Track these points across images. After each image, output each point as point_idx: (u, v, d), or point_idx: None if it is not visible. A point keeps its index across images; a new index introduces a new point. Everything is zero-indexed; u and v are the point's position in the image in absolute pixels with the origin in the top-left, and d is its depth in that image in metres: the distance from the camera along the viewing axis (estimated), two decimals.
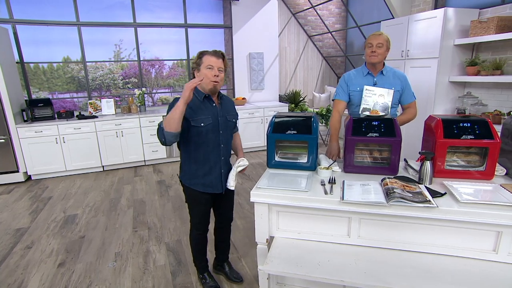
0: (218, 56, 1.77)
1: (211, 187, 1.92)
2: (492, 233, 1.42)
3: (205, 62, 1.75)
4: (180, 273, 2.38)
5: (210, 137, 1.84)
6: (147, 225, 3.14)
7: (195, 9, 5.78)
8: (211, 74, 1.75)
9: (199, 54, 1.79)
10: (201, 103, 1.82)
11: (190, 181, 1.91)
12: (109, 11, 5.33)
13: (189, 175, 1.91)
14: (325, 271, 1.43)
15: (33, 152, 4.36)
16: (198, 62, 1.78)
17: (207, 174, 1.90)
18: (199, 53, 1.79)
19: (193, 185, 1.91)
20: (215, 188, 1.94)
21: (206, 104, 1.84)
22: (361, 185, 1.67)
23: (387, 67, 2.25)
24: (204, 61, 1.76)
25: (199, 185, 1.91)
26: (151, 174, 4.67)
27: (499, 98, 3.56)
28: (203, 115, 1.81)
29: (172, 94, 6.65)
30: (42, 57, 5.21)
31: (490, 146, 1.64)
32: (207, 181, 1.91)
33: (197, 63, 1.79)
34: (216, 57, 1.77)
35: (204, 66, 1.75)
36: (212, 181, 1.92)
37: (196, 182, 1.90)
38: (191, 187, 1.92)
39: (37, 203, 3.73)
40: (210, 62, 1.75)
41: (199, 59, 1.78)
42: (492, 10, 3.59)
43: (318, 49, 7.48)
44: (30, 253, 2.69)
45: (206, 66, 1.75)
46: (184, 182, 1.94)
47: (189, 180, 1.92)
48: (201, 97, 1.82)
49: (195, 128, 1.80)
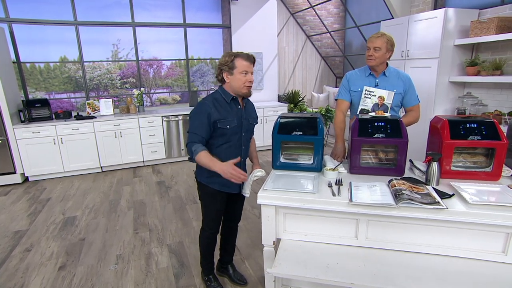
0: (251, 60, 1.78)
1: (228, 186, 1.93)
2: (501, 235, 1.41)
3: (239, 66, 1.75)
4: (183, 275, 2.36)
5: (233, 138, 1.87)
6: (148, 226, 3.11)
7: (194, 9, 5.75)
8: (246, 79, 1.77)
9: (231, 56, 1.76)
10: (228, 105, 1.84)
11: (208, 179, 1.91)
12: (107, 10, 5.28)
13: (208, 173, 1.89)
14: (334, 273, 1.41)
15: (31, 153, 4.30)
16: (231, 66, 1.76)
17: None
18: (231, 55, 1.76)
19: (211, 184, 1.91)
20: (232, 188, 1.95)
21: (232, 106, 1.85)
22: (368, 186, 1.66)
23: (390, 68, 2.23)
24: (237, 66, 1.75)
25: (216, 184, 1.91)
26: (150, 175, 4.63)
27: (499, 98, 3.58)
28: (230, 117, 1.82)
29: (170, 94, 6.62)
30: (39, 57, 5.14)
31: (497, 147, 1.64)
32: (225, 180, 1.89)
33: (230, 66, 1.76)
34: (250, 62, 1.77)
35: (238, 71, 1.75)
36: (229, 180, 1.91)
37: (214, 180, 1.90)
38: (208, 185, 1.92)
39: (35, 205, 3.68)
40: (245, 68, 1.75)
41: (232, 62, 1.75)
42: (491, 11, 3.61)
43: (316, 49, 7.47)
44: (29, 256, 2.65)
45: (241, 72, 1.75)
46: (202, 180, 1.93)
47: (207, 178, 1.91)
48: (229, 99, 1.83)
49: (220, 130, 1.81)
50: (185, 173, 4.65)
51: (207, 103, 1.79)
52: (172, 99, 6.62)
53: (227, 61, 1.76)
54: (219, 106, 1.80)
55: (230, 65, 1.76)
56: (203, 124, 1.76)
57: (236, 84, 1.78)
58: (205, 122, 1.75)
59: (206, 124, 1.75)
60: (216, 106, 1.79)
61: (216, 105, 1.80)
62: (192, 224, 3.12)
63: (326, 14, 7.24)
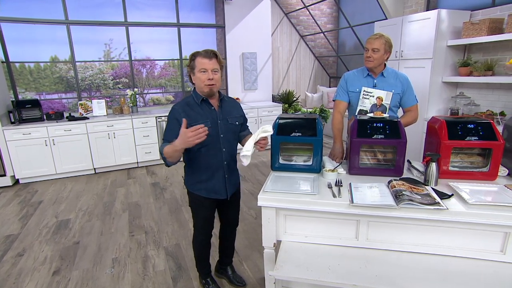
0: (210, 56, 1.69)
1: (214, 192, 1.88)
2: (499, 234, 1.43)
3: (198, 65, 1.69)
4: (181, 278, 2.34)
5: (210, 142, 1.76)
6: (144, 229, 3.07)
7: (187, 8, 5.70)
8: (205, 78, 1.69)
9: (191, 56, 1.72)
10: (199, 107, 1.77)
11: (193, 186, 1.88)
12: (99, 9, 5.19)
13: (192, 180, 1.87)
14: (336, 275, 1.41)
15: (21, 155, 4.21)
16: (192, 66, 1.72)
17: (210, 179, 1.86)
18: (191, 55, 1.72)
19: (196, 191, 1.87)
20: (219, 194, 1.90)
21: (204, 107, 1.79)
22: (368, 187, 1.66)
23: (388, 69, 2.24)
24: (197, 65, 1.69)
25: (202, 190, 1.87)
26: (144, 176, 4.58)
27: (490, 98, 3.64)
28: (201, 119, 1.74)
29: (164, 94, 6.55)
30: (28, 56, 5.03)
31: (494, 147, 1.66)
32: (210, 186, 1.86)
33: (191, 66, 1.72)
34: (209, 59, 1.68)
35: (197, 70, 1.69)
36: (215, 186, 1.87)
37: (199, 187, 1.86)
38: (194, 192, 1.88)
39: (27, 208, 3.60)
40: (203, 65, 1.68)
41: (192, 62, 1.71)
42: (483, 12, 3.66)
43: (310, 49, 7.50)
44: (22, 261, 2.59)
45: (200, 70, 1.69)
46: (188, 187, 1.90)
47: (192, 185, 1.88)
48: (199, 101, 1.77)
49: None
50: (180, 174, 4.60)
51: (176, 109, 1.75)
52: (165, 99, 6.55)
53: (189, 61, 1.73)
54: (189, 110, 1.74)
55: (191, 65, 1.72)
56: (172, 130, 1.69)
57: (198, 84, 1.72)
58: (175, 128, 1.67)
59: (177, 129, 1.61)
60: (186, 110, 1.72)
61: (186, 109, 1.73)
62: (188, 226, 3.09)
63: (320, 14, 7.27)
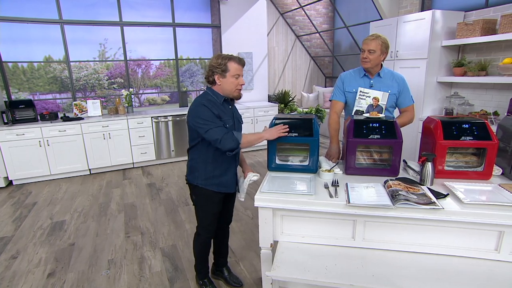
0: (242, 64, 1.82)
1: (225, 186, 1.94)
2: (494, 233, 1.45)
3: (231, 70, 1.76)
4: (177, 280, 2.33)
5: None
6: (140, 230, 3.05)
7: (183, 8, 5.68)
8: (238, 83, 1.81)
9: (224, 59, 1.76)
10: (221, 106, 1.84)
11: (206, 181, 1.90)
12: (93, 9, 5.15)
13: (205, 175, 1.89)
14: (333, 275, 1.42)
15: (15, 156, 4.16)
16: (224, 69, 1.76)
17: (223, 174, 1.92)
18: (225, 58, 1.76)
19: (208, 186, 1.90)
20: (229, 188, 1.96)
21: (225, 106, 1.87)
22: (364, 187, 1.67)
23: (384, 69, 2.25)
24: (230, 69, 1.76)
25: (214, 185, 1.91)
26: (140, 177, 4.55)
27: (484, 98, 3.68)
28: (226, 117, 1.84)
29: (159, 94, 6.52)
30: (22, 56, 4.98)
31: (488, 147, 1.68)
32: (223, 180, 1.93)
33: (223, 69, 1.76)
34: (242, 66, 1.81)
35: (230, 74, 1.77)
36: (227, 180, 1.95)
37: (212, 182, 1.90)
38: (205, 187, 1.90)
39: (21, 209, 3.56)
40: (238, 71, 1.78)
41: (225, 65, 1.76)
42: (476, 13, 3.70)
43: (306, 49, 7.51)
44: (16, 264, 2.56)
45: (233, 75, 1.78)
46: (198, 183, 1.91)
47: (204, 180, 1.90)
48: (221, 100, 1.84)
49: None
50: (176, 175, 4.59)
51: (204, 104, 1.78)
52: (161, 99, 6.53)
53: (220, 63, 1.76)
54: (215, 107, 1.81)
55: (223, 68, 1.77)
56: (213, 118, 1.76)
57: (228, 87, 1.81)
58: (213, 116, 1.76)
59: (215, 118, 1.76)
60: (214, 107, 1.80)
61: (213, 105, 1.80)
62: (185, 227, 3.08)
63: (315, 14, 7.29)
